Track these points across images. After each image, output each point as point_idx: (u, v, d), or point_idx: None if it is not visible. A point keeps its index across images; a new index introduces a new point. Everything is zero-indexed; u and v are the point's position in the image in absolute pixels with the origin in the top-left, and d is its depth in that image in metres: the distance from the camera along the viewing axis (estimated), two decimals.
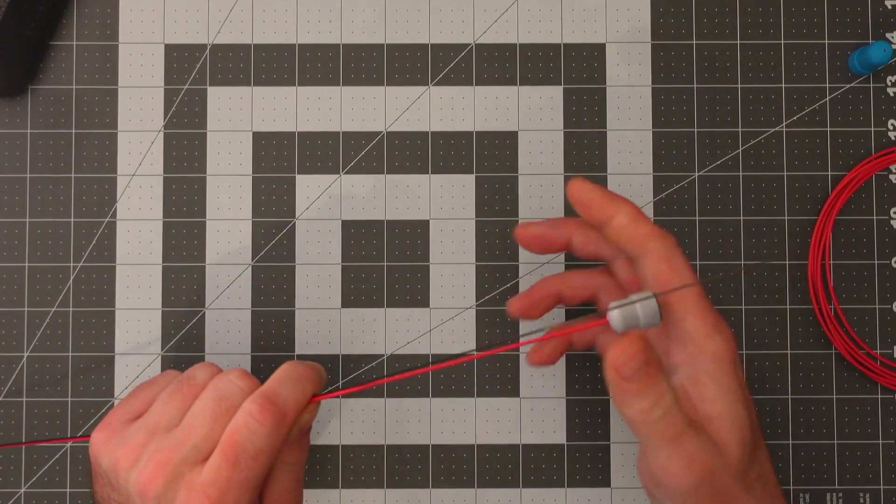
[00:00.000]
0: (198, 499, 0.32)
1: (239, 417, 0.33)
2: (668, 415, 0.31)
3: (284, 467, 0.35)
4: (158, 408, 0.35)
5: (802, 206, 0.45)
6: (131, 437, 0.34)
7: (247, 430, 0.32)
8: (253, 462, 0.32)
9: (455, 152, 0.46)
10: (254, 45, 0.46)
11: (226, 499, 0.32)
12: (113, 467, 0.34)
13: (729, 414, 0.33)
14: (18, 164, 0.45)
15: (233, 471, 0.32)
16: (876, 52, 0.43)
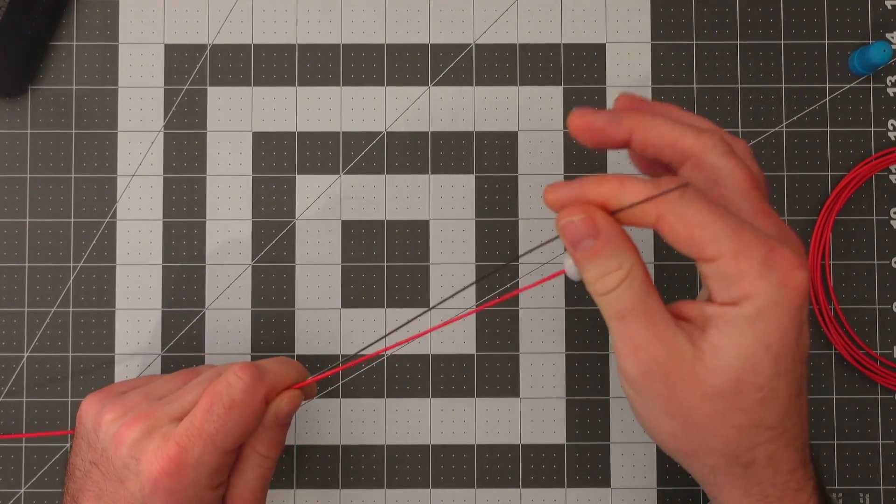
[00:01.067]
0: (167, 447, 0.33)
1: (222, 375, 0.34)
2: (615, 292, 0.29)
3: (255, 457, 0.36)
4: (159, 382, 0.37)
5: (802, 206, 0.45)
6: (124, 399, 0.36)
7: (226, 382, 0.34)
8: (224, 412, 0.33)
9: (455, 152, 0.46)
10: (254, 45, 0.46)
11: (193, 448, 0.33)
12: (96, 423, 0.35)
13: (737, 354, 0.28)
14: (18, 164, 0.45)
15: (205, 418, 0.33)
16: (876, 52, 0.43)
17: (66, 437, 0.44)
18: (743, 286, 0.28)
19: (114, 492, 0.34)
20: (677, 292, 0.45)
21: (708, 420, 0.29)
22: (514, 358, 0.45)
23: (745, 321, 0.28)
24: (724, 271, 0.28)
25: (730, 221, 0.28)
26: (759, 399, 0.29)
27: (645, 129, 0.31)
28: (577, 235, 0.29)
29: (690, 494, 0.44)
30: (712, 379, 0.29)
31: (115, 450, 0.34)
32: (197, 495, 0.34)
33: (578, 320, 0.45)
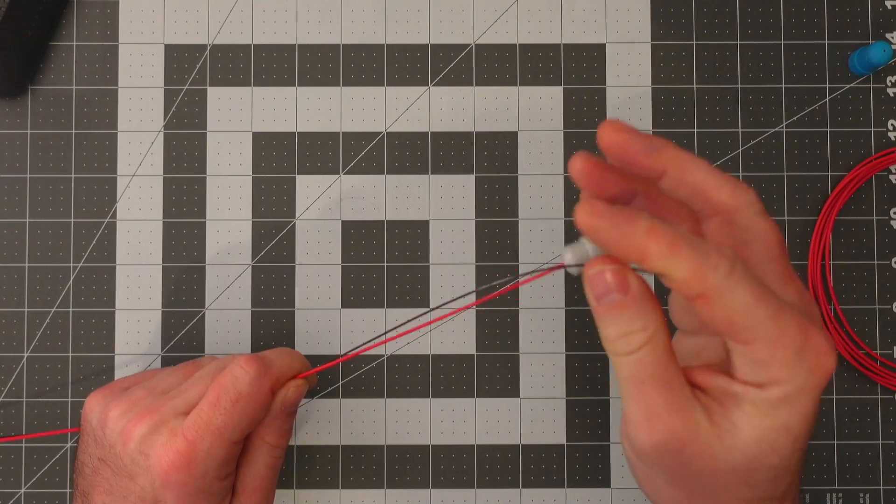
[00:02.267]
0: (175, 441, 0.34)
1: (227, 368, 0.35)
2: (636, 355, 0.27)
3: (263, 447, 0.37)
4: (161, 376, 0.38)
5: (802, 206, 0.45)
6: (128, 394, 0.36)
7: (231, 376, 0.35)
8: (231, 406, 0.34)
9: (455, 152, 0.46)
10: (254, 45, 0.46)
11: (202, 441, 0.34)
12: (102, 420, 0.36)
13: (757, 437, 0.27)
14: (18, 164, 0.45)
15: (212, 412, 0.34)
16: (876, 52, 0.43)
17: (65, 436, 0.44)
18: (773, 371, 0.27)
19: (124, 487, 0.35)
20: None
21: (714, 492, 0.29)
22: (514, 358, 0.45)
23: (768, 405, 0.27)
24: (756, 356, 0.27)
25: (771, 306, 0.26)
26: (771, 477, 0.28)
27: (685, 169, 0.28)
28: (605, 288, 0.27)
29: None
30: (727, 456, 0.27)
31: (124, 446, 0.35)
32: (207, 486, 0.34)
33: (578, 320, 0.45)
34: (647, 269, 0.26)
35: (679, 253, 0.26)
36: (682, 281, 0.26)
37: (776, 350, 0.26)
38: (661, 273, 0.26)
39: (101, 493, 0.35)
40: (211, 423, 0.34)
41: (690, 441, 0.27)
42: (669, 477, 0.29)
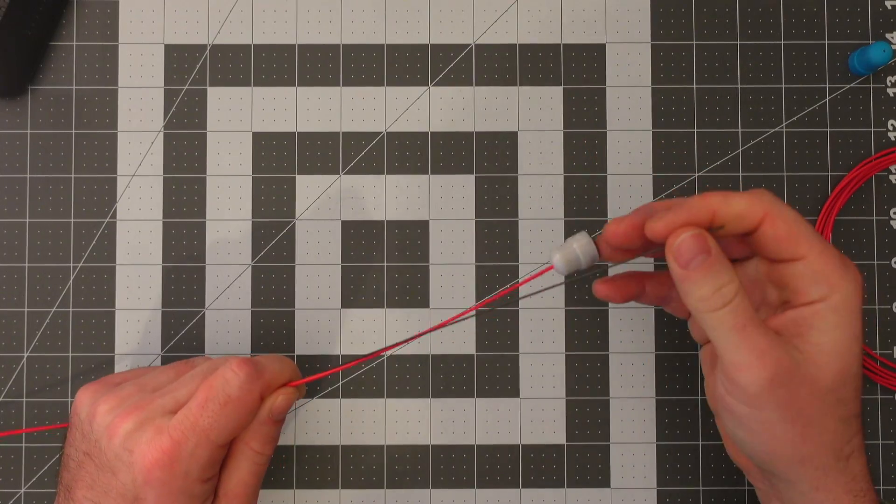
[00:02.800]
0: (160, 439, 0.34)
1: (219, 370, 0.35)
2: (731, 304, 0.31)
3: (248, 453, 0.36)
4: (153, 374, 0.38)
5: (802, 206, 0.45)
6: (119, 390, 0.36)
7: (222, 378, 0.35)
8: (219, 408, 0.34)
9: (455, 152, 0.46)
10: (254, 45, 0.46)
11: (186, 442, 0.34)
12: (91, 414, 0.36)
13: (837, 347, 0.31)
14: (18, 164, 0.45)
15: (200, 413, 0.34)
16: (876, 52, 0.43)
17: (64, 439, 0.44)
18: (831, 280, 0.31)
19: (106, 482, 0.35)
20: None
21: (822, 418, 0.32)
22: (514, 358, 0.45)
23: (835, 314, 0.31)
24: (813, 268, 0.31)
25: (811, 226, 0.32)
26: (855, 388, 0.32)
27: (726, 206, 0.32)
28: (690, 253, 0.31)
29: (690, 494, 0.44)
30: (823, 376, 0.31)
31: (109, 441, 0.35)
32: (188, 487, 0.34)
33: (578, 320, 0.45)
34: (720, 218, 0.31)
35: (733, 198, 0.31)
36: (747, 209, 0.31)
37: (827, 260, 0.31)
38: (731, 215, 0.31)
39: (83, 488, 0.35)
40: (197, 425, 0.34)
41: (794, 371, 0.31)
42: (784, 413, 0.31)
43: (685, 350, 0.45)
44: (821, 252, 0.31)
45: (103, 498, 0.35)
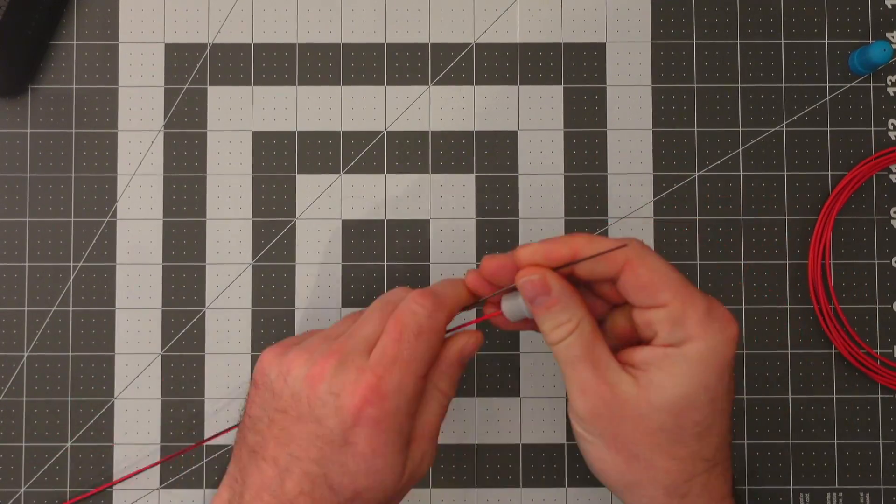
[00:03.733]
0: (365, 377, 0.33)
1: (402, 304, 0.35)
2: (566, 342, 0.34)
3: (436, 395, 0.36)
4: (332, 327, 0.38)
5: (802, 205, 0.45)
6: (305, 345, 0.36)
7: (409, 311, 0.35)
8: (415, 339, 0.34)
9: (455, 152, 0.46)
10: (254, 45, 0.46)
11: (391, 375, 0.34)
12: (284, 371, 0.35)
13: (677, 392, 0.32)
14: (18, 164, 0.45)
15: (397, 347, 0.34)
16: (876, 51, 0.43)
17: (65, 436, 0.44)
18: (688, 329, 0.32)
19: (308, 432, 0.34)
20: None
21: (651, 454, 0.33)
22: (514, 358, 0.45)
23: (686, 361, 0.32)
24: (673, 315, 0.32)
25: (679, 274, 0.33)
26: (696, 433, 0.33)
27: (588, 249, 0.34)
28: (532, 292, 0.34)
29: None
30: (656, 415, 0.32)
31: (312, 389, 0.34)
32: (398, 423, 0.34)
33: None
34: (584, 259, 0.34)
35: (597, 242, 0.33)
36: (610, 256, 0.33)
37: (689, 309, 0.32)
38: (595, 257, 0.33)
39: (278, 446, 0.34)
40: (398, 358, 0.34)
41: (620, 406, 0.33)
42: (607, 442, 0.34)
43: None
44: (684, 301, 0.32)
45: (304, 449, 0.34)
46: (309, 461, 0.34)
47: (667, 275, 0.33)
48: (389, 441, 0.34)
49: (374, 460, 0.33)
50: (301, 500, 0.34)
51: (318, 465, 0.34)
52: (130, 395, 0.44)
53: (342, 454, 0.33)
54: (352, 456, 0.33)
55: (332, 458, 0.33)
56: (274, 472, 0.34)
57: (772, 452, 0.45)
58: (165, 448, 0.44)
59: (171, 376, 0.45)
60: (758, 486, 0.44)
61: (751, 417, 0.45)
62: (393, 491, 0.35)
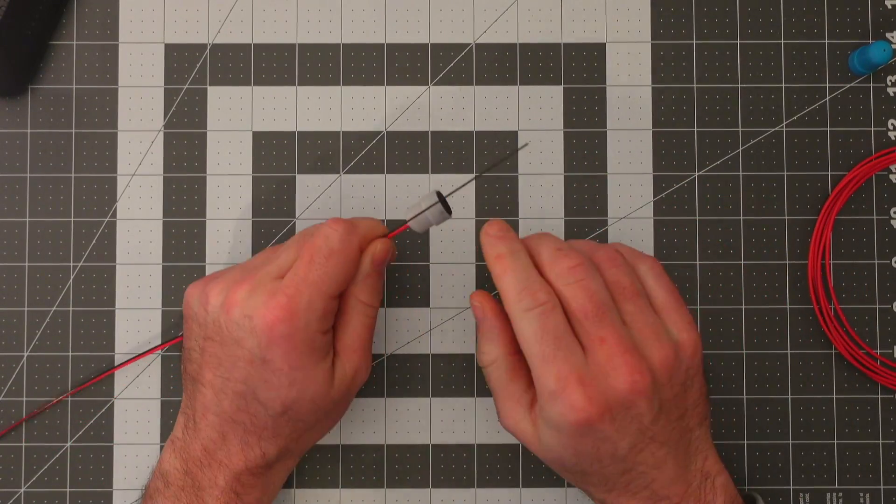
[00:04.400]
0: (276, 299, 0.35)
1: (317, 231, 0.37)
2: (486, 368, 0.38)
3: (358, 306, 0.38)
4: (255, 257, 0.40)
5: (802, 206, 0.45)
6: (222, 275, 0.39)
7: (322, 235, 0.37)
8: (325, 261, 0.36)
9: (455, 152, 0.46)
10: (254, 45, 0.46)
11: (301, 295, 0.36)
12: (203, 300, 0.38)
13: (549, 441, 0.36)
14: (18, 164, 0.45)
15: (308, 269, 0.36)
16: (876, 52, 0.43)
17: (65, 436, 0.44)
18: (541, 402, 0.35)
19: (231, 355, 0.37)
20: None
21: (552, 466, 0.38)
22: None
23: (544, 425, 0.36)
24: (535, 384, 0.35)
25: (545, 350, 0.34)
26: (576, 472, 0.37)
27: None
28: (474, 313, 0.38)
29: None
30: (545, 452, 0.37)
31: (227, 314, 0.36)
32: (310, 339, 0.36)
33: None
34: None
35: (504, 279, 0.36)
36: (503, 298, 0.36)
37: (540, 387, 0.35)
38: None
39: (210, 370, 0.37)
40: (308, 278, 0.36)
41: (521, 435, 0.37)
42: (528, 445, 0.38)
43: None
44: (537, 378, 0.35)
45: (231, 371, 0.37)
46: (237, 381, 0.37)
47: (528, 346, 0.35)
48: (303, 355, 0.36)
49: (293, 373, 0.36)
50: (239, 415, 0.37)
51: (245, 384, 0.37)
52: (130, 395, 0.44)
53: (264, 371, 0.36)
54: (271, 373, 0.36)
55: (255, 377, 0.36)
56: (212, 394, 0.37)
57: (772, 452, 0.45)
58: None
59: (171, 376, 0.45)
60: (758, 486, 0.44)
61: (751, 417, 0.45)
62: (325, 402, 0.38)
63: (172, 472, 0.38)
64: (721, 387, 0.45)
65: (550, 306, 0.35)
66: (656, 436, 0.35)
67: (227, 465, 0.38)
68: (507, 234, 0.37)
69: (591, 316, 0.35)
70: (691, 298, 0.45)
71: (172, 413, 0.44)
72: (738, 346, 0.45)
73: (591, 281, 0.35)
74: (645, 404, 0.34)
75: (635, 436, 0.35)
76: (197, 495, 0.38)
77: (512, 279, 0.35)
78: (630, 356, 0.34)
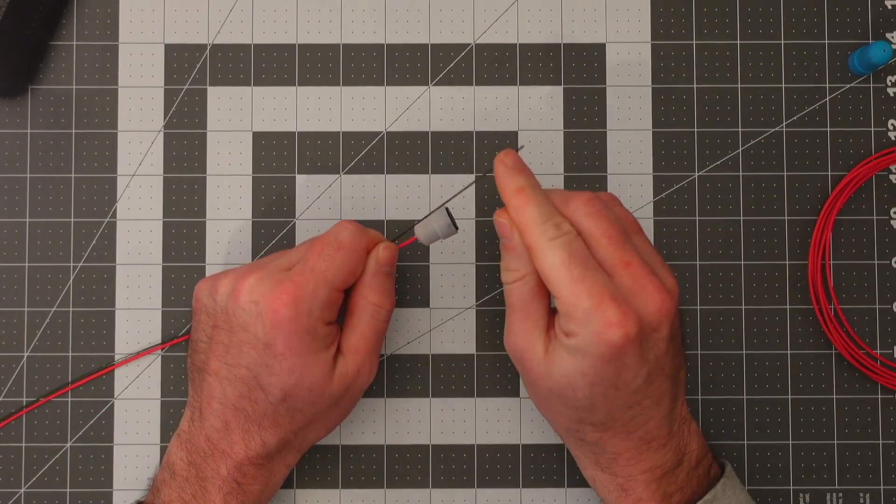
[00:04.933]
0: (283, 284, 0.37)
1: (328, 230, 0.39)
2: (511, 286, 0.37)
3: (368, 307, 0.39)
4: (260, 258, 0.40)
5: (802, 206, 0.45)
6: (232, 270, 0.40)
7: (333, 231, 0.39)
8: (334, 252, 0.38)
9: (455, 152, 0.46)
10: (254, 45, 0.46)
11: (307, 283, 0.37)
12: (212, 292, 0.39)
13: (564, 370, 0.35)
14: (18, 164, 0.45)
15: (317, 259, 0.38)
16: (876, 52, 0.43)
17: (65, 437, 0.44)
18: (570, 324, 0.34)
19: (238, 340, 0.38)
20: None
21: (549, 401, 0.38)
22: None
23: (568, 350, 0.35)
24: (562, 309, 0.35)
25: (574, 273, 0.34)
26: (579, 406, 0.36)
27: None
28: (502, 232, 0.36)
29: None
30: (548, 379, 0.36)
31: (235, 301, 0.38)
32: (312, 327, 0.37)
33: None
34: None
35: (526, 210, 0.35)
36: (521, 232, 0.35)
37: (571, 308, 0.34)
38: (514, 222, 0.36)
39: (216, 358, 0.38)
40: (316, 268, 0.37)
41: (529, 359, 0.37)
42: (524, 376, 0.38)
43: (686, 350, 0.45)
44: (567, 299, 0.34)
45: (237, 356, 0.38)
46: (241, 367, 0.38)
47: (558, 272, 0.34)
48: (304, 341, 0.37)
49: (293, 359, 0.37)
50: (242, 402, 0.38)
51: (249, 369, 0.37)
52: (130, 396, 0.44)
53: (266, 356, 0.37)
54: (273, 357, 0.37)
55: (259, 361, 0.37)
56: (217, 382, 0.38)
57: (772, 452, 0.45)
58: (165, 448, 0.44)
59: (171, 376, 0.45)
60: (758, 486, 0.44)
61: (751, 417, 0.45)
62: (323, 394, 0.38)
63: (178, 464, 0.39)
64: (721, 387, 0.45)
65: (573, 235, 0.35)
66: (665, 367, 0.36)
67: (228, 454, 0.38)
68: (523, 166, 0.37)
69: (615, 240, 0.35)
70: (691, 298, 0.45)
71: (173, 413, 0.44)
72: (738, 346, 0.45)
73: (608, 211, 0.36)
74: (667, 328, 0.35)
75: (654, 364, 0.35)
76: (201, 485, 0.39)
77: (535, 210, 0.35)
78: (655, 279, 0.35)
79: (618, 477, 0.38)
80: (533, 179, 0.36)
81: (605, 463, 0.38)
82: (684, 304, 0.45)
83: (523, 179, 0.36)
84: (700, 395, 0.45)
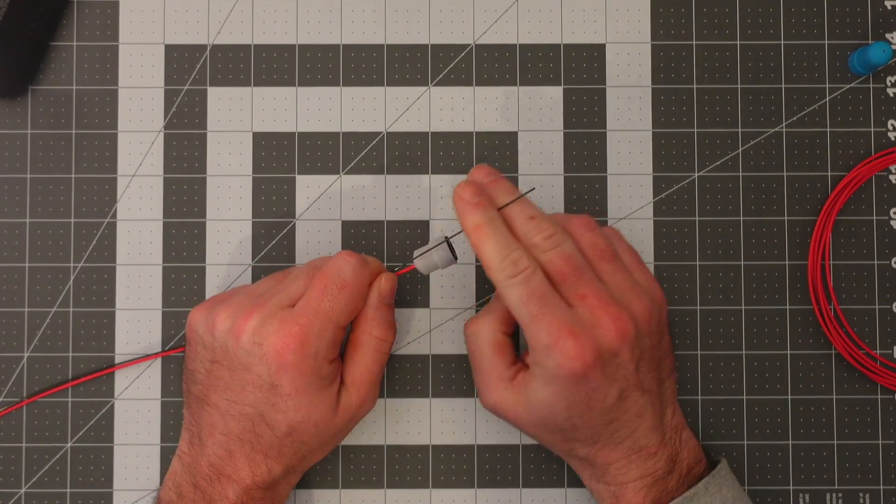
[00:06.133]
0: (287, 326, 0.37)
1: (330, 261, 0.39)
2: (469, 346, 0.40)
3: (371, 341, 0.40)
4: (256, 284, 0.41)
5: (802, 206, 0.45)
6: (229, 301, 0.39)
7: (335, 266, 0.38)
8: (339, 292, 0.38)
9: (455, 152, 0.46)
10: (254, 46, 0.46)
11: (312, 325, 0.37)
12: (210, 325, 0.39)
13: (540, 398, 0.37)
14: (18, 164, 0.45)
15: (321, 299, 0.37)
16: (876, 52, 0.43)
17: (65, 438, 0.44)
18: (536, 357, 0.36)
19: (240, 379, 0.38)
20: (676, 292, 0.45)
21: (538, 430, 0.39)
22: None
23: (538, 381, 0.37)
24: (528, 343, 0.36)
25: (532, 311, 0.35)
26: (564, 428, 0.38)
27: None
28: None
29: None
30: (530, 413, 0.38)
31: (236, 341, 0.37)
32: (318, 368, 0.37)
33: None
34: None
35: (484, 249, 0.36)
36: (484, 267, 0.36)
37: (533, 342, 0.36)
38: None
39: (216, 392, 0.38)
40: (320, 309, 0.37)
41: (503, 409, 0.39)
42: (511, 424, 0.40)
43: (685, 350, 0.45)
44: (529, 334, 0.36)
45: (239, 394, 0.38)
46: (244, 404, 0.38)
47: (517, 310, 0.35)
48: (310, 382, 0.37)
49: (299, 399, 0.37)
50: (246, 435, 0.38)
51: (253, 406, 0.38)
52: (130, 396, 0.44)
53: (272, 395, 0.37)
54: (279, 397, 0.37)
55: (263, 400, 0.37)
56: (218, 415, 0.38)
57: (772, 452, 0.45)
58: (165, 449, 0.44)
59: (172, 377, 0.45)
60: (758, 486, 0.44)
61: (751, 418, 0.45)
62: (328, 427, 0.39)
63: (184, 486, 0.39)
64: (721, 387, 0.45)
65: (531, 271, 0.35)
66: (639, 383, 0.37)
67: (235, 479, 0.38)
68: (481, 199, 0.36)
69: (568, 277, 0.36)
70: (691, 299, 0.45)
71: (173, 413, 0.44)
72: (738, 347, 0.45)
73: (565, 246, 0.36)
74: (629, 352, 0.36)
75: (622, 382, 0.36)
76: None
77: (492, 248, 0.35)
78: (611, 307, 0.36)
79: (610, 485, 0.39)
80: (491, 212, 0.36)
81: (599, 474, 0.39)
82: (684, 304, 0.45)
83: (480, 215, 0.36)
84: (700, 395, 0.45)
